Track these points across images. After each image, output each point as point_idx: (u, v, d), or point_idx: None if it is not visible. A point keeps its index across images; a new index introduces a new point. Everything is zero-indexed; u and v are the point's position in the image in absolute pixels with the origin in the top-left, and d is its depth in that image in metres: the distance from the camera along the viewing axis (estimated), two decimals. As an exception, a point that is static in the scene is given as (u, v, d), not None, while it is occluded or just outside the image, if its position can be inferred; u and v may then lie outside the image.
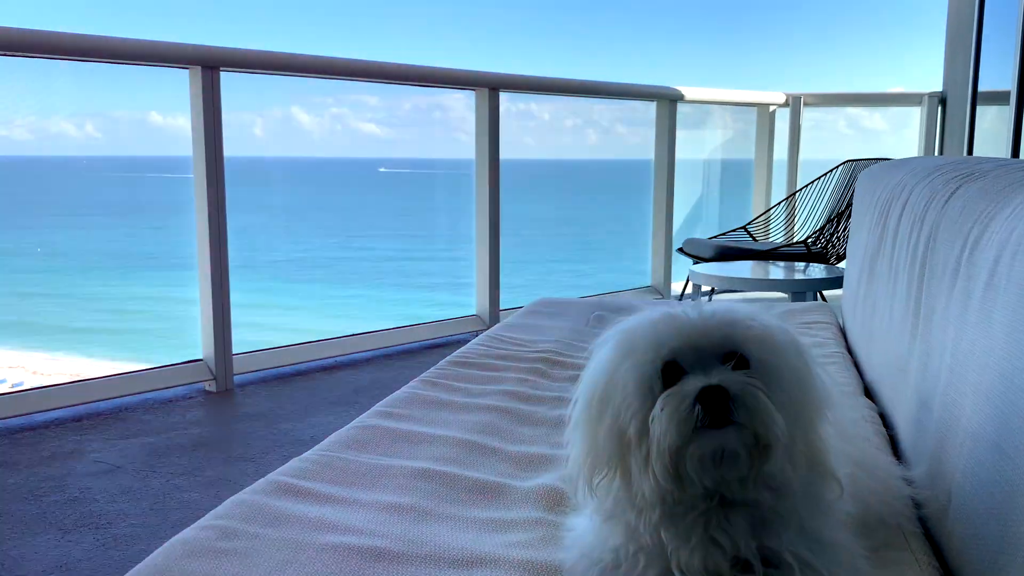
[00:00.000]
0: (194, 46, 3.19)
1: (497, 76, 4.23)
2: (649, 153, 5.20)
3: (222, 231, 3.34)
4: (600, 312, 2.23)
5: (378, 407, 1.44)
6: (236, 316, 3.48)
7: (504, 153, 4.30)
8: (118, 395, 3.22)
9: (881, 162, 2.18)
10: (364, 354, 3.94)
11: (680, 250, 3.85)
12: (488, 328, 4.32)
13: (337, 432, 1.32)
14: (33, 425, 3.00)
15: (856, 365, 1.83)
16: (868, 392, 1.61)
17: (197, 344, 3.51)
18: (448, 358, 1.76)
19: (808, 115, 5.65)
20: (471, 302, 4.44)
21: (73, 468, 2.63)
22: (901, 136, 6.28)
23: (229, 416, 3.17)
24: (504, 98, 4.28)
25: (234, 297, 3.46)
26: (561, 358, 1.79)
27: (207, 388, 3.42)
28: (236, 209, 3.44)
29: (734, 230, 4.23)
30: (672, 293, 5.23)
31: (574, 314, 2.23)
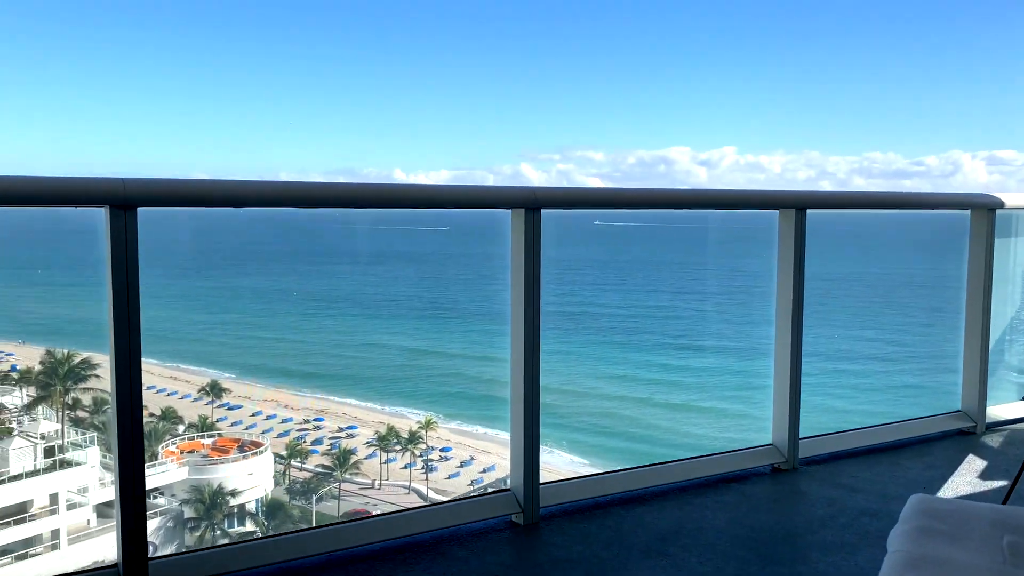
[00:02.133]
0: (516, 188, 3.26)
1: (804, 194, 4.01)
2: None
3: (536, 382, 3.33)
4: (1014, 538, 1.95)
5: None
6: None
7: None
8: (435, 528, 3.29)
9: None
10: (660, 487, 3.82)
11: (1029, 401, 3.40)
12: (785, 462, 4.07)
13: None
14: (361, 556, 3.11)
15: None
16: None
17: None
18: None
19: None
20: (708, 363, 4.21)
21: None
22: None
23: (543, 559, 3.14)
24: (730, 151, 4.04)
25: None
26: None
27: (514, 519, 3.43)
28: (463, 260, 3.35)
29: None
30: (986, 419, 4.71)
31: (975, 539, 1.97)
